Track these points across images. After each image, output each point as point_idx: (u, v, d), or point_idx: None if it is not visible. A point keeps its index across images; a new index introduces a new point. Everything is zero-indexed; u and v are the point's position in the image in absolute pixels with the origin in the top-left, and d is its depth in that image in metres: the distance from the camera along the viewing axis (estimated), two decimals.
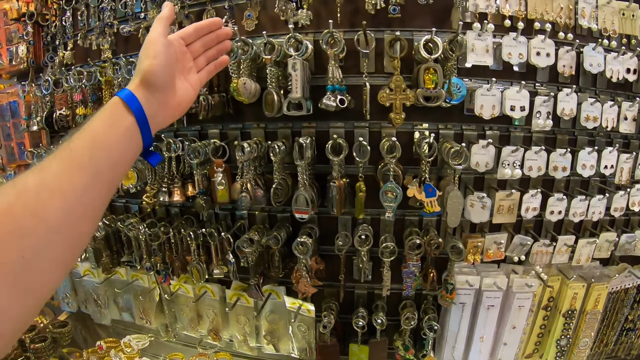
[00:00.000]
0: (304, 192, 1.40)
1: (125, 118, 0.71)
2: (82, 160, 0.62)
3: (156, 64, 0.78)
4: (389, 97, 1.36)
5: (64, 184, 0.59)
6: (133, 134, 0.72)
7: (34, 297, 0.56)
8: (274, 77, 1.41)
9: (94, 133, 0.66)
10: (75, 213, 0.60)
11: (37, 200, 0.55)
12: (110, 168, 0.66)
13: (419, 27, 1.48)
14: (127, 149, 0.71)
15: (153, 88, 0.77)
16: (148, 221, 1.71)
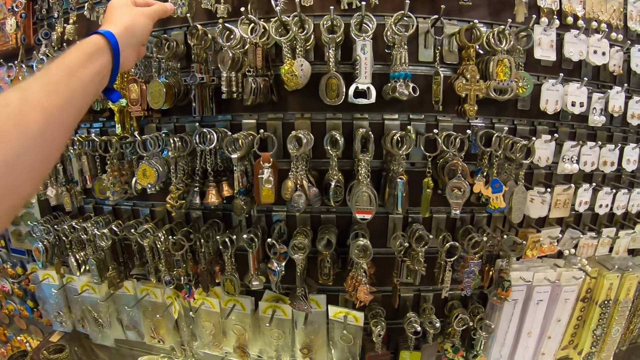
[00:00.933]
0: (368, 190, 1.15)
1: (104, 57, 0.76)
2: (59, 86, 0.66)
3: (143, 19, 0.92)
4: (464, 87, 1.17)
5: (43, 101, 0.62)
6: (105, 72, 0.77)
7: (10, 201, 0.57)
8: (334, 60, 1.14)
9: (71, 64, 0.70)
10: (51, 126, 0.63)
11: (19, 111, 0.58)
12: (82, 95, 0.71)
13: (477, 17, 1.29)
14: (97, 82, 0.76)
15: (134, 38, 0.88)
16: (166, 227, 1.36)
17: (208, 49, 1.28)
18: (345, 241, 1.36)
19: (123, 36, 0.83)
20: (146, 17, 0.95)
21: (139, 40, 0.92)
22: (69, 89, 0.67)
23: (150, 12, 0.98)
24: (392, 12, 1.25)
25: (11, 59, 1.55)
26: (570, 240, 1.38)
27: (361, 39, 1.13)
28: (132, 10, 0.92)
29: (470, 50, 1.21)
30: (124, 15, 0.89)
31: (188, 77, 1.22)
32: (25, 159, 0.57)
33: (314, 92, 1.24)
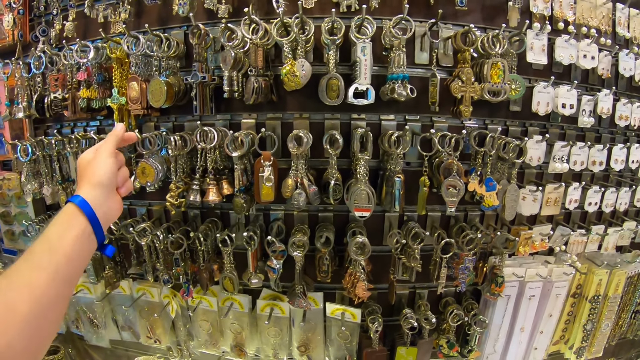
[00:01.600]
0: (366, 187, 1.19)
1: (79, 221, 0.76)
2: (42, 261, 0.68)
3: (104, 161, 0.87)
4: (460, 89, 1.22)
5: (30, 280, 0.65)
6: (87, 234, 0.77)
7: None
8: (334, 61, 1.18)
9: (50, 238, 0.72)
10: (42, 305, 0.64)
11: (8, 296, 0.61)
12: (68, 265, 0.71)
13: (472, 22, 1.35)
14: (82, 248, 0.75)
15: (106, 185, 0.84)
16: (164, 225, 1.37)
17: (208, 48, 1.31)
18: (341, 239, 1.39)
19: (93, 193, 0.82)
20: (105, 156, 0.88)
21: (111, 183, 0.87)
22: (52, 263, 0.68)
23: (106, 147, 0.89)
24: (389, 16, 1.30)
25: (7, 55, 1.55)
26: (560, 238, 1.44)
27: (361, 41, 1.17)
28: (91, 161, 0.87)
29: (466, 54, 1.26)
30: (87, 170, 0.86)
31: (189, 76, 1.25)
32: (19, 341, 0.59)
33: (312, 93, 1.28)
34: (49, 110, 1.44)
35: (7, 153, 1.62)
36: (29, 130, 1.58)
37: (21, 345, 0.59)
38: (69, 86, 1.41)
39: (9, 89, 1.55)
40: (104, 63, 1.39)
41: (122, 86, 1.35)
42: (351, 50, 1.28)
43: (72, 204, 0.78)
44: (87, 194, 0.81)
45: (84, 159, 0.89)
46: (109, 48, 1.35)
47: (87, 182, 0.84)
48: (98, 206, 0.81)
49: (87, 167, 0.87)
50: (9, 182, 1.62)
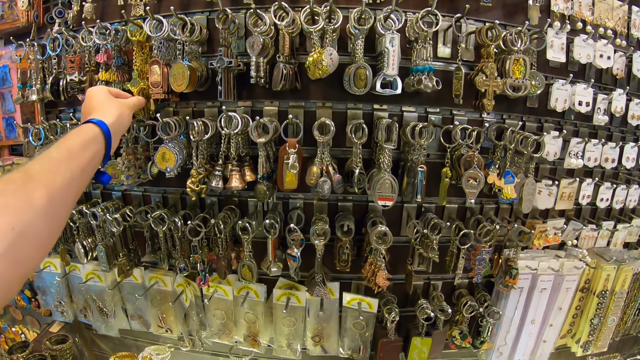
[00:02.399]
0: (390, 177, 1.21)
1: (98, 144, 0.87)
2: (60, 167, 0.74)
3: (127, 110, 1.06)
4: (484, 83, 1.25)
5: (46, 180, 0.69)
6: (99, 157, 0.88)
7: (20, 269, 0.61)
8: (361, 51, 1.20)
9: (70, 149, 0.79)
10: (54, 203, 0.68)
11: (24, 188, 0.65)
12: (79, 177, 0.79)
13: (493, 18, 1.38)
14: (93, 166, 0.85)
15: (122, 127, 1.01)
16: (181, 212, 1.37)
17: (233, 34, 1.31)
18: (359, 229, 1.41)
19: (114, 126, 0.95)
20: (129, 109, 1.08)
21: (124, 129, 1.04)
22: (69, 170, 0.74)
23: (130, 104, 1.12)
24: (414, 9, 1.33)
25: (19, 38, 1.53)
26: (572, 232, 1.48)
27: (390, 32, 1.19)
28: (116, 102, 1.04)
29: (490, 49, 1.29)
30: (112, 107, 1.00)
31: (213, 61, 1.25)
32: (33, 231, 0.62)
33: (335, 82, 1.30)
34: (65, 92, 1.42)
35: (18, 137, 1.58)
36: (41, 114, 1.55)
37: (33, 235, 0.62)
38: (87, 68, 1.39)
39: (22, 71, 1.52)
40: (123, 46, 1.38)
41: (142, 70, 1.34)
42: (376, 41, 1.31)
43: (95, 125, 0.89)
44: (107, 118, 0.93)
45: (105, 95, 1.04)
46: (130, 31, 1.34)
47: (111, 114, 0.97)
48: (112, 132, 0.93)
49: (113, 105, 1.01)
50: (19, 166, 1.58)
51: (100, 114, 0.95)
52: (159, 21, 1.28)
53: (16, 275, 0.61)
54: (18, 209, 0.61)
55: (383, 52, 1.22)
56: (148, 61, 1.35)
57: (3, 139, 1.64)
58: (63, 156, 0.76)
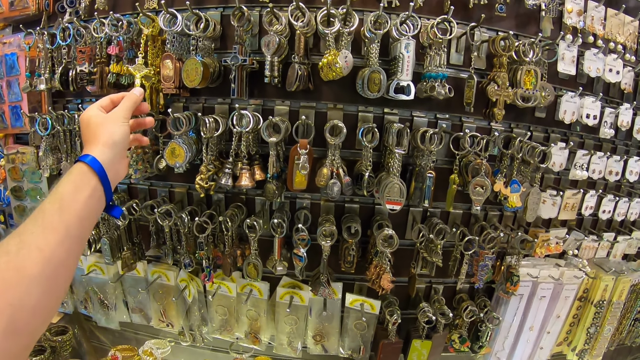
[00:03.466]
0: (399, 182, 1.23)
1: (90, 180, 0.78)
2: (53, 221, 0.68)
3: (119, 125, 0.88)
4: (496, 92, 1.27)
5: (40, 241, 0.65)
6: (97, 194, 0.78)
7: (23, 341, 0.60)
8: (375, 55, 1.21)
9: (62, 197, 0.72)
10: (51, 264, 0.64)
11: (18, 257, 0.61)
12: (79, 225, 0.72)
13: (505, 28, 1.40)
14: (92, 207, 0.77)
15: (118, 148, 0.86)
16: (188, 208, 1.38)
17: (247, 32, 1.32)
18: (365, 231, 1.43)
19: (106, 153, 0.83)
20: (122, 121, 0.90)
21: (123, 147, 0.89)
22: (63, 223, 0.69)
23: (123, 112, 0.91)
24: (428, 15, 1.34)
25: (28, 26, 1.52)
26: (574, 242, 1.51)
27: (406, 37, 1.20)
28: (105, 121, 0.88)
29: (503, 59, 1.31)
30: (102, 131, 0.86)
31: (227, 58, 1.25)
32: (31, 301, 0.60)
33: (347, 84, 1.32)
34: (74, 83, 1.42)
35: (24, 126, 1.58)
36: (48, 103, 1.55)
37: (32, 306, 0.60)
38: (98, 60, 1.39)
39: (30, 59, 1.51)
40: (135, 39, 1.38)
41: (153, 63, 1.34)
42: (390, 45, 1.32)
43: (83, 163, 0.79)
44: (99, 153, 0.82)
45: (93, 118, 0.88)
46: (142, 24, 1.34)
47: (99, 141, 0.84)
48: (109, 166, 0.82)
49: (99, 127, 0.87)
50: (23, 156, 1.59)
51: (90, 146, 0.85)
52: (172, 15, 1.29)
53: (19, 348, 0.60)
54: (13, 284, 0.59)
55: (397, 57, 1.23)
56: (159, 55, 1.35)
57: (9, 127, 1.63)
58: (54, 208, 0.70)
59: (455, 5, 1.35)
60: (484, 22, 1.40)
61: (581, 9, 1.46)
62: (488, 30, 1.40)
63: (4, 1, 1.60)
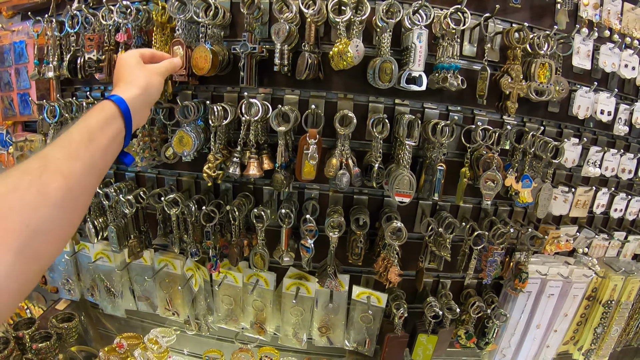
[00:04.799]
0: (409, 174, 1.21)
1: (117, 122, 0.81)
2: (79, 150, 0.70)
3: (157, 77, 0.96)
4: (509, 85, 1.25)
5: (64, 168, 0.65)
6: (121, 134, 0.82)
7: (36, 265, 0.60)
8: (387, 44, 1.19)
9: (90, 129, 0.74)
10: (73, 192, 0.65)
11: (40, 180, 0.61)
12: (103, 158, 0.75)
13: (520, 19, 1.38)
14: (115, 145, 0.81)
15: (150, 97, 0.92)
16: (195, 197, 1.37)
17: (257, 20, 1.30)
18: (372, 223, 1.42)
19: (139, 98, 0.87)
20: (159, 75, 0.98)
21: (154, 99, 0.96)
22: (88, 154, 0.70)
23: (162, 69, 1.01)
24: (441, 5, 1.32)
25: (37, 14, 1.51)
26: (584, 240, 1.50)
27: (418, 27, 1.18)
28: (145, 70, 0.95)
29: (517, 51, 1.29)
30: (140, 76, 0.92)
31: (236, 46, 1.24)
32: (49, 225, 0.60)
33: (357, 74, 1.30)
34: (82, 71, 1.41)
35: (33, 113, 1.58)
36: (56, 91, 1.54)
37: (48, 230, 0.61)
38: (106, 47, 1.38)
39: (39, 47, 1.51)
40: (143, 26, 1.37)
41: (162, 50, 1.34)
42: (402, 35, 1.30)
43: (112, 103, 0.81)
44: (131, 94, 0.85)
45: (134, 61, 0.94)
46: (151, 11, 1.33)
47: (133, 83, 0.88)
48: (136, 111, 0.85)
49: (137, 71, 0.92)
50: (32, 143, 1.59)
51: (124, 85, 0.89)
52: (182, 2, 1.28)
53: (32, 272, 0.59)
54: (33, 204, 0.59)
55: (409, 47, 1.22)
56: (168, 43, 1.34)
57: (17, 115, 1.63)
58: (83, 138, 0.72)
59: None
60: (498, 13, 1.37)
61: (597, 2, 1.43)
62: (502, 21, 1.38)
63: None
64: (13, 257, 0.54)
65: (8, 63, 1.64)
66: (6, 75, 1.65)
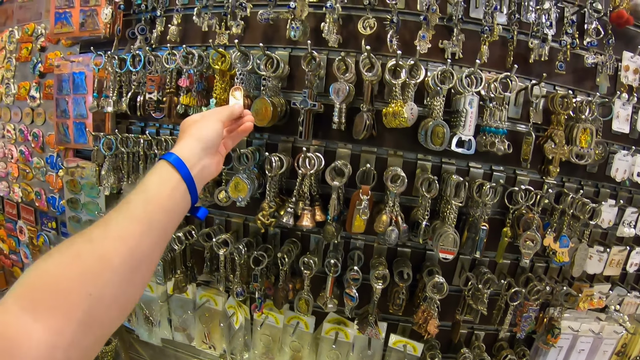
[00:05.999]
0: (454, 232, 1.29)
1: (174, 178, 0.79)
2: (137, 213, 0.70)
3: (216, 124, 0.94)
4: (552, 150, 1.33)
5: (124, 232, 0.66)
6: (181, 188, 0.79)
7: (99, 332, 0.60)
8: (440, 108, 1.28)
9: (146, 189, 0.74)
10: (134, 257, 0.65)
11: (102, 246, 0.63)
12: (163, 218, 0.73)
13: (561, 82, 1.46)
14: (177, 201, 0.78)
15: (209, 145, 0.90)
16: (245, 240, 1.45)
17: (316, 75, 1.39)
18: (413, 274, 1.48)
19: (196, 149, 0.86)
20: (219, 122, 0.95)
21: (213, 144, 0.92)
22: (147, 215, 0.70)
23: (218, 113, 0.98)
24: (489, 67, 1.41)
25: (97, 47, 1.61)
26: (616, 297, 1.56)
27: (470, 93, 1.27)
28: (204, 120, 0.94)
29: (561, 117, 1.37)
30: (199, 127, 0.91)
31: (297, 101, 1.32)
32: (111, 292, 0.61)
33: (408, 132, 1.38)
34: (142, 109, 1.50)
35: (87, 143, 1.67)
36: (112, 123, 1.63)
37: (111, 297, 0.61)
38: (167, 89, 1.47)
39: (98, 80, 1.60)
40: (204, 71, 1.46)
41: (221, 98, 1.42)
42: (451, 96, 1.38)
43: (165, 162, 0.80)
44: (184, 149, 0.84)
45: (189, 119, 0.94)
46: (212, 58, 1.41)
47: (187, 136, 0.88)
48: (194, 163, 0.83)
49: (192, 125, 0.91)
50: (83, 170, 1.67)
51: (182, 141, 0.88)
52: (244, 54, 1.37)
53: (96, 339, 0.60)
54: (95, 273, 0.60)
55: (460, 111, 1.30)
56: (227, 90, 1.43)
57: (72, 142, 1.72)
58: (139, 199, 0.72)
59: (516, 59, 1.42)
60: (541, 76, 1.46)
61: (637, 67, 1.51)
62: (546, 84, 1.46)
63: (75, 20, 1.70)
64: (76, 326, 0.55)
65: (66, 92, 1.73)
66: (63, 103, 1.74)
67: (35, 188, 2.02)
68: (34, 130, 1.99)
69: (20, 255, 2.15)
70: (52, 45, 1.95)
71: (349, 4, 1.40)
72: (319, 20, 1.41)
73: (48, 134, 1.93)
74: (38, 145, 1.97)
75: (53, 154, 1.88)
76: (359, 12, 1.40)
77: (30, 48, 2.03)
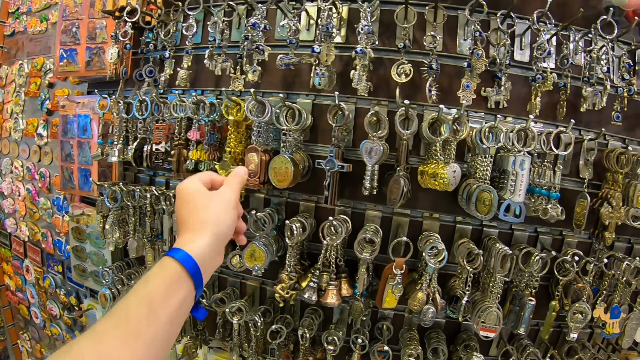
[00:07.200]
0: (497, 308, 1.02)
1: (185, 285, 0.63)
2: (139, 328, 0.56)
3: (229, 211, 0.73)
4: (609, 215, 1.06)
5: (123, 353, 0.53)
6: (190, 295, 0.64)
7: None
8: (487, 170, 1.01)
9: (151, 299, 0.59)
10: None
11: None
12: (169, 329, 0.60)
13: (612, 132, 1.20)
14: (184, 310, 0.64)
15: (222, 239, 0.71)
16: (261, 309, 1.19)
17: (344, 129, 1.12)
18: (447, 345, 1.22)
19: (210, 246, 0.67)
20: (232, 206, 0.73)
21: (228, 238, 0.73)
22: (151, 328, 0.57)
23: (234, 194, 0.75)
24: (535, 119, 1.13)
25: (103, 86, 1.36)
26: None
27: (521, 153, 1.00)
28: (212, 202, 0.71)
29: (619, 176, 1.10)
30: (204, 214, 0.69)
31: (322, 162, 1.05)
32: None
33: (446, 192, 1.11)
34: (148, 160, 1.25)
35: (92, 192, 1.41)
36: (118, 169, 1.38)
37: None
38: (176, 141, 1.21)
39: (103, 123, 1.35)
40: (217, 121, 1.20)
41: (236, 151, 1.16)
42: (496, 154, 1.11)
43: (174, 262, 0.62)
44: (197, 244, 0.66)
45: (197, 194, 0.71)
46: (225, 107, 1.15)
47: (202, 229, 0.68)
48: (205, 261, 0.66)
49: (204, 209, 0.70)
50: (88, 218, 1.42)
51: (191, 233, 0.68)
52: (260, 103, 1.10)
53: None
54: None
55: (509, 174, 1.03)
56: (242, 141, 1.17)
57: (76, 188, 1.47)
58: (143, 312, 0.57)
59: (567, 112, 1.15)
60: (593, 125, 1.19)
61: None
62: (595, 133, 1.19)
63: (81, 58, 1.44)
64: None
65: (71, 134, 1.48)
66: (68, 146, 1.49)
67: (42, 229, 1.77)
68: (41, 170, 1.74)
69: (27, 294, 1.91)
70: (60, 82, 1.69)
71: (380, 45, 1.13)
72: (346, 64, 1.16)
73: (54, 175, 1.68)
74: (45, 185, 1.72)
75: (60, 196, 1.62)
76: (391, 54, 1.13)
77: (39, 83, 1.78)
